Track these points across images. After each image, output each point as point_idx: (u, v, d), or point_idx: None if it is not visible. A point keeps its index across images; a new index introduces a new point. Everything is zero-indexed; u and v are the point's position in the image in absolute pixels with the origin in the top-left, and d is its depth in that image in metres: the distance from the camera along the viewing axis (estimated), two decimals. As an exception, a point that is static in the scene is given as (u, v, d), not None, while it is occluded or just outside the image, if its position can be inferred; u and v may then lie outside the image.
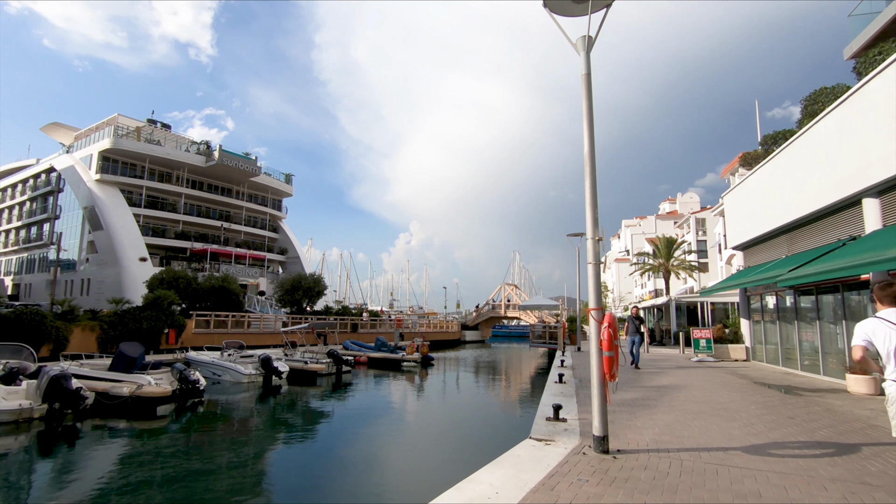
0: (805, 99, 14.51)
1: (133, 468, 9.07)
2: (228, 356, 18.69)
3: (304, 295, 33.30)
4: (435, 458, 10.28)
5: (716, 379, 11.41)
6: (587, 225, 5.30)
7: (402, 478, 9.05)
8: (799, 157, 11.83)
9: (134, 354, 14.80)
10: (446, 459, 10.18)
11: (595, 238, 5.26)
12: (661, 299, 29.89)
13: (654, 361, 16.12)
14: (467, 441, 11.82)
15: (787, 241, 13.13)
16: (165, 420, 12.81)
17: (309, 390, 18.06)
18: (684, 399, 8.46)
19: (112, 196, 40.68)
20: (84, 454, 10.03)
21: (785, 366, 13.81)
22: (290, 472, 9.06)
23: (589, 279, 5.27)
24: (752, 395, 9.01)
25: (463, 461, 9.51)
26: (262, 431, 12.23)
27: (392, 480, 8.90)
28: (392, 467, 9.70)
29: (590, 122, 5.37)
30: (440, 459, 10.20)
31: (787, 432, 6.01)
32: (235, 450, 10.40)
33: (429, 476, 9.00)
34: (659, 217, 76.80)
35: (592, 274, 5.22)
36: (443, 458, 10.25)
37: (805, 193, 11.47)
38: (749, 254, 16.30)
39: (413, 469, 9.60)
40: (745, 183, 15.23)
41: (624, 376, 11.59)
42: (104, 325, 20.03)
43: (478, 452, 9.96)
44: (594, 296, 5.20)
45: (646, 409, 7.53)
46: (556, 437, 5.68)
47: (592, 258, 5.22)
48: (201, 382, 14.74)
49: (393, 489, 8.30)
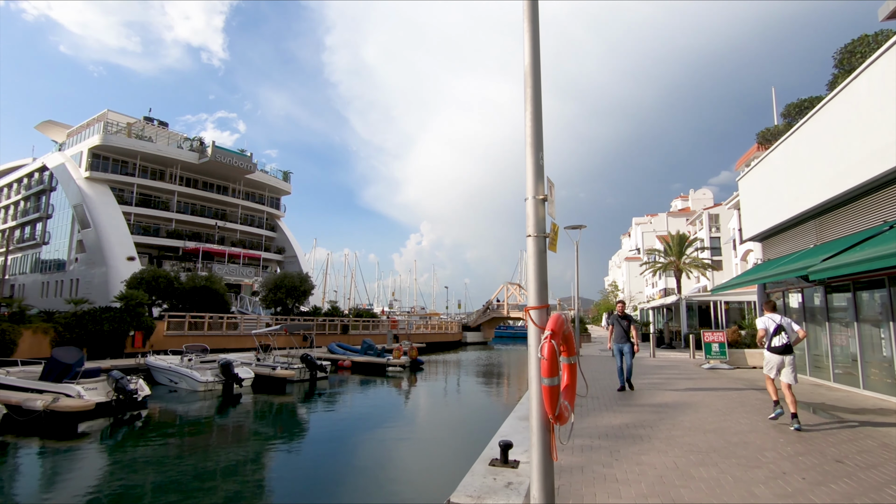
0: (839, 51, 12.11)
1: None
2: (188, 361, 17.04)
3: (287, 294, 31.59)
4: (374, 494, 8.41)
5: (730, 394, 9.40)
6: (527, 177, 3.42)
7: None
8: (832, 123, 9.77)
9: (69, 361, 13.14)
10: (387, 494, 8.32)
11: (538, 197, 3.38)
12: (670, 298, 27.74)
13: (660, 369, 14.09)
14: (423, 470, 9.94)
15: (817, 228, 11.05)
16: (84, 439, 11.00)
17: (273, 400, 16.30)
18: (689, 426, 6.50)
19: (101, 194, 39.52)
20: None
21: (814, 375, 11.72)
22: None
23: (529, 262, 3.38)
24: (780, 419, 7.02)
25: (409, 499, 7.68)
26: (190, 456, 10.46)
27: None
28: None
29: (532, 16, 3.48)
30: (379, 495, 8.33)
31: (839, 490, 4.06)
32: (135, 488, 8.63)
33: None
34: (671, 214, 73.93)
35: (533, 253, 3.34)
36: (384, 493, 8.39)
37: (839, 168, 9.41)
38: (769, 245, 14.20)
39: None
40: (764, 161, 13.14)
41: (614, 393, 9.62)
42: (59, 328, 18.50)
43: (431, 484, 8.09)
44: (535, 286, 3.32)
45: (635, 443, 5.60)
46: (490, 500, 3.80)
47: (534, 228, 3.34)
48: (142, 392, 13.06)
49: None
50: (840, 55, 11.92)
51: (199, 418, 13.64)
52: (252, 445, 11.21)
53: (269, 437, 12.13)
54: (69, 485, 8.29)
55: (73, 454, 10.12)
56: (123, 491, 7.93)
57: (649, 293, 65.13)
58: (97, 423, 12.21)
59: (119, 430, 12.04)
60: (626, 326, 9.49)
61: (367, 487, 8.51)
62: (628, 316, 9.71)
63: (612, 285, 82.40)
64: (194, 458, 10.02)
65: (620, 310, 9.92)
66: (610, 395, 9.00)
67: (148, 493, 7.87)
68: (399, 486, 8.74)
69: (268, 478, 9.13)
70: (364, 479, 8.90)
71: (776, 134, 15.17)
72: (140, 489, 8.05)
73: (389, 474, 9.44)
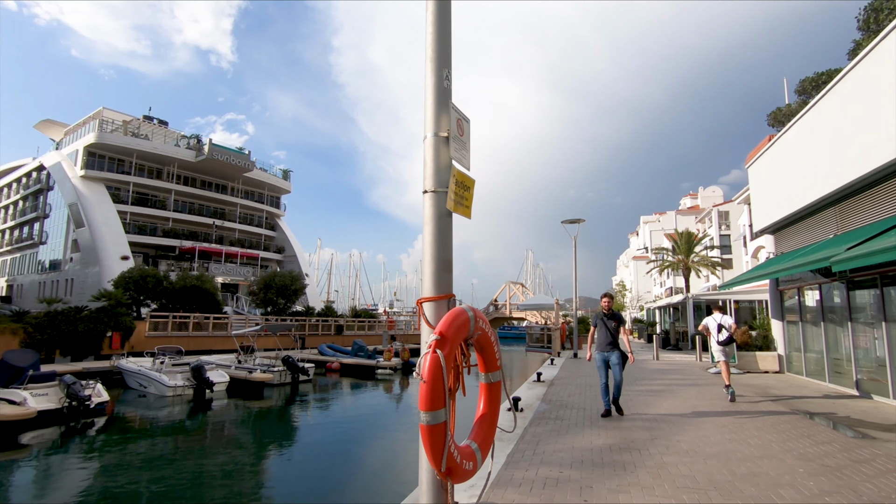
0: (864, 10, 10.60)
1: None
2: (161, 364, 16.10)
3: (278, 294, 30.63)
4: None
5: (738, 404, 8.20)
6: (426, 105, 2.32)
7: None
8: (855, 95, 8.54)
9: (22, 364, 12.25)
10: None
11: (440, 133, 2.27)
12: (676, 297, 26.43)
13: (662, 373, 12.88)
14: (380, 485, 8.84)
15: (837, 215, 9.80)
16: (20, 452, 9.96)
17: (248, 406, 15.29)
18: (686, 448, 5.34)
19: (96, 192, 38.95)
20: None
21: (833, 382, 10.46)
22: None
23: (425, 230, 2.27)
24: (796, 437, 5.84)
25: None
26: (138, 471, 9.45)
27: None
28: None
29: None
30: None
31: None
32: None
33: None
34: (679, 212, 72.18)
35: (431, 216, 2.23)
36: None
37: (863, 145, 8.18)
38: (782, 237, 12.93)
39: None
40: (777, 144, 11.88)
41: (600, 404, 8.44)
42: (29, 329, 17.66)
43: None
44: (431, 266, 2.21)
45: (615, 475, 4.46)
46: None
47: (433, 179, 2.24)
48: (98, 398, 12.10)
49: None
50: (865, 13, 10.50)
51: (161, 427, 12.65)
52: (213, 458, 10.18)
53: (233, 447, 11.10)
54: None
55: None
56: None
57: (657, 293, 63.54)
58: (47, 433, 11.26)
59: (70, 441, 11.08)
60: (613, 328, 7.06)
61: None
62: (616, 314, 7.26)
63: (620, 285, 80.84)
64: (143, 472, 9.02)
65: (606, 306, 7.30)
66: (596, 409, 7.74)
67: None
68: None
69: (219, 497, 8.09)
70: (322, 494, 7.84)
71: (789, 115, 13.85)
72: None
73: (340, 485, 8.37)
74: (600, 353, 7.11)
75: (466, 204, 2.33)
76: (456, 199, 2.22)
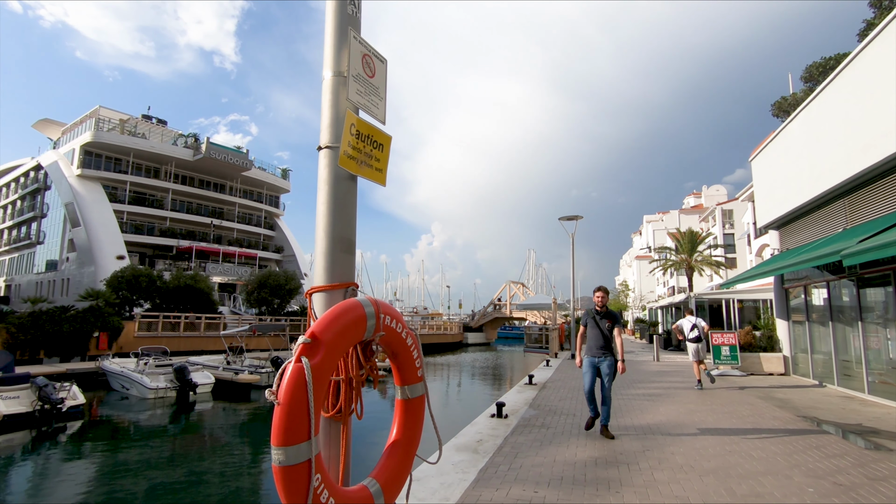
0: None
1: None
2: (144, 365, 15.63)
3: (272, 293, 30.17)
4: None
5: (741, 410, 7.63)
6: (325, 36, 1.79)
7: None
8: (866, 78, 7.97)
9: (-5, 365, 11.80)
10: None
11: (340, 71, 1.74)
12: (678, 297, 25.81)
13: (661, 375, 12.32)
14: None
15: (846, 208, 9.22)
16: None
17: (232, 408, 14.80)
18: (681, 462, 4.79)
19: (92, 192, 38.62)
20: None
21: (843, 385, 9.88)
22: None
23: (319, 196, 1.74)
24: (803, 448, 5.28)
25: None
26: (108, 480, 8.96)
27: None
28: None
29: None
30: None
31: None
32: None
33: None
34: (683, 211, 71.32)
35: (326, 179, 1.70)
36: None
37: (875, 133, 7.60)
38: (787, 232, 12.34)
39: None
40: (782, 135, 11.29)
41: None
42: (12, 329, 17.23)
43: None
44: (323, 245, 1.69)
45: (596, 496, 3.90)
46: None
47: (330, 130, 1.71)
48: (72, 401, 11.63)
49: None
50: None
51: (137, 430, 12.18)
52: (188, 464, 9.69)
53: (211, 453, 10.60)
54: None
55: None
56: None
57: (660, 292, 62.77)
58: (17, 437, 10.80)
59: (40, 446, 10.61)
60: (607, 329, 5.96)
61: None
62: (612, 313, 6.08)
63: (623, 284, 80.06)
64: (110, 479, 8.54)
65: (600, 302, 6.11)
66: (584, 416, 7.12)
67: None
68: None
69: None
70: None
71: (794, 104, 13.27)
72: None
73: None
74: (590, 358, 5.98)
75: (378, 166, 1.80)
76: (358, 156, 1.69)
